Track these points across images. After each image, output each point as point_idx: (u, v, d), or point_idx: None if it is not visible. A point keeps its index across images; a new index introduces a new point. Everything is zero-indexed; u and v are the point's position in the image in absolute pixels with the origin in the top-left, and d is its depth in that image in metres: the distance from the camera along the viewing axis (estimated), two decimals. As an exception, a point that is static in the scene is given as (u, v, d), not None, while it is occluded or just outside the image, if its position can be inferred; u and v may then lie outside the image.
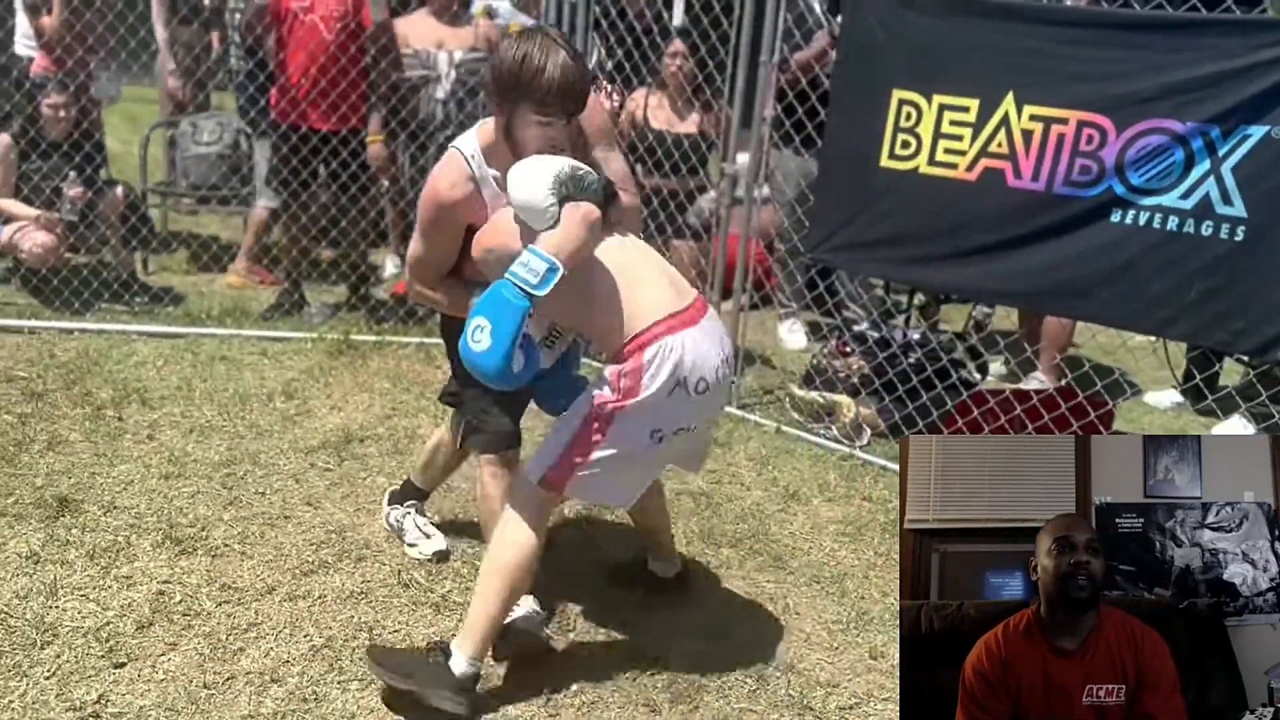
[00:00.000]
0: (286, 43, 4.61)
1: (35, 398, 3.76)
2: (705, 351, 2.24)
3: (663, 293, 2.27)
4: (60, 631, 2.45)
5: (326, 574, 2.82)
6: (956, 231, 3.52)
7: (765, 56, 3.88)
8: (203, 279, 5.48)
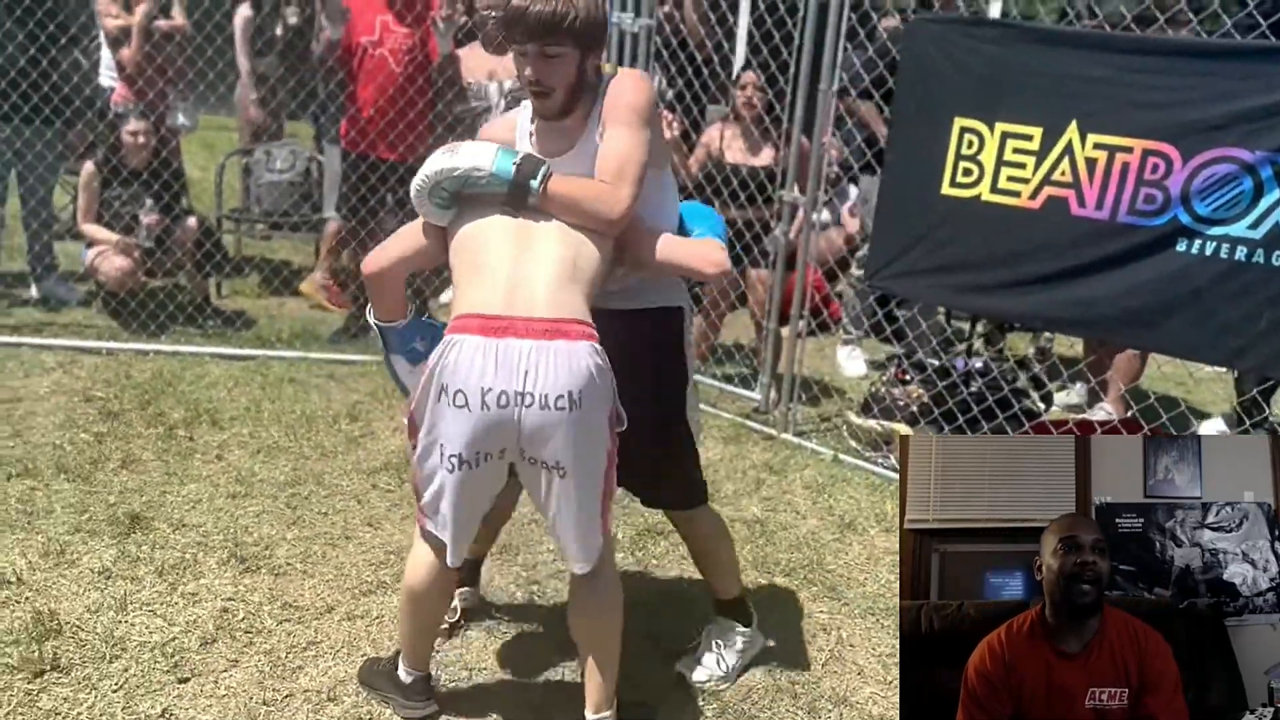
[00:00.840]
0: (357, 75, 4.73)
1: (111, 417, 3.89)
2: (475, 365, 1.98)
3: (491, 293, 2.06)
4: (128, 646, 2.53)
5: (385, 594, 2.87)
6: (1018, 260, 3.48)
7: (825, 85, 3.89)
8: (273, 303, 5.63)
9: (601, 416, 2.07)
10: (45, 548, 2.93)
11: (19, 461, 3.45)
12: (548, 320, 2.02)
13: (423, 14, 4.68)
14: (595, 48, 2.23)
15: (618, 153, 2.16)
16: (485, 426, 2.01)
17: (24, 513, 3.13)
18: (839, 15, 3.80)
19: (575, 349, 2.02)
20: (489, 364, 1.98)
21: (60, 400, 4.02)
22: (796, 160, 4.08)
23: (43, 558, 2.89)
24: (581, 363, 2.01)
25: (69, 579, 2.80)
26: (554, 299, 2.06)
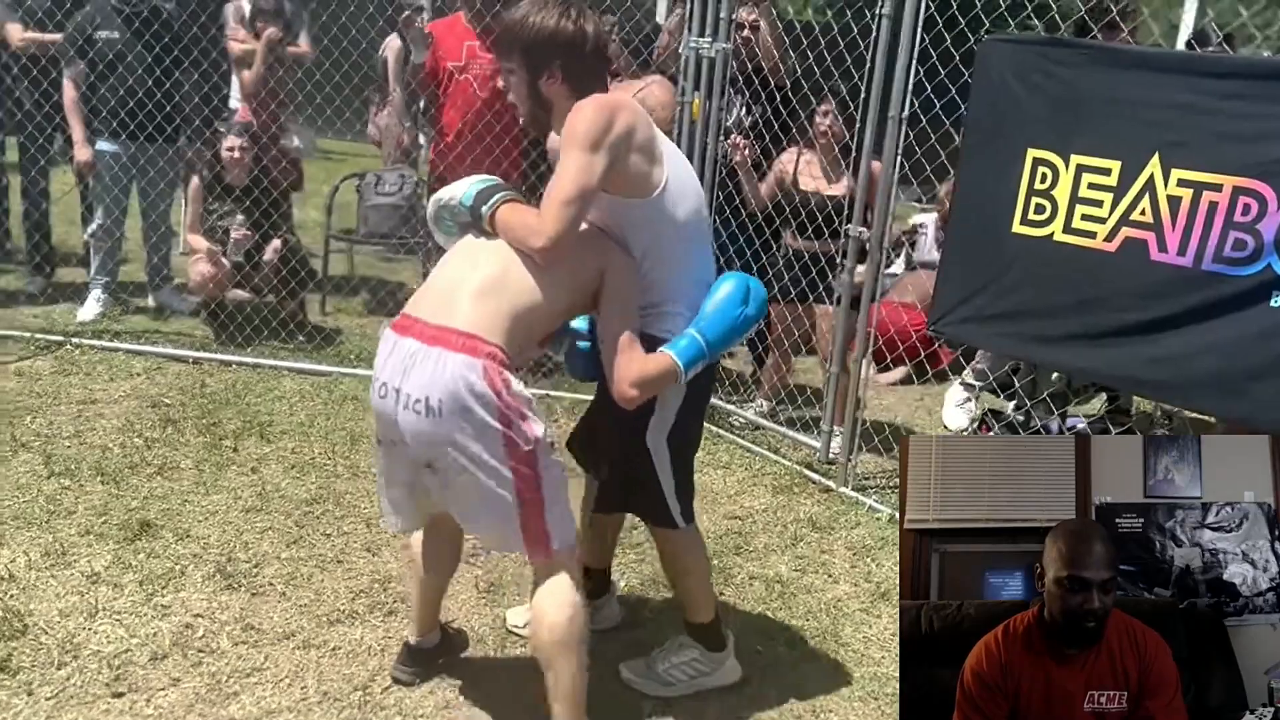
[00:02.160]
0: (444, 100, 4.76)
1: (169, 424, 4.00)
2: (381, 357, 2.14)
3: (420, 296, 2.19)
4: (81, 654, 2.54)
5: (352, 625, 2.77)
6: (1092, 308, 3.08)
7: (894, 111, 3.59)
8: (373, 322, 5.72)
9: (475, 429, 2.05)
10: (50, 547, 3.00)
11: (65, 460, 3.58)
12: (440, 327, 2.08)
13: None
14: (543, 67, 2.23)
15: (554, 181, 2.16)
16: (379, 413, 2.16)
17: (48, 511, 3.23)
18: (911, 35, 3.50)
19: (446, 358, 2.04)
20: (391, 358, 2.13)
21: (130, 405, 4.18)
22: (864, 191, 3.78)
23: (43, 557, 2.96)
24: (448, 372, 2.03)
25: (58, 581, 2.85)
26: (466, 310, 2.10)
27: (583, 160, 2.11)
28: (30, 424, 3.89)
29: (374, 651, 2.66)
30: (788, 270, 4.27)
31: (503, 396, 2.04)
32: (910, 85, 3.54)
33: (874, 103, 3.67)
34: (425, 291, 2.21)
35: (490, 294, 2.12)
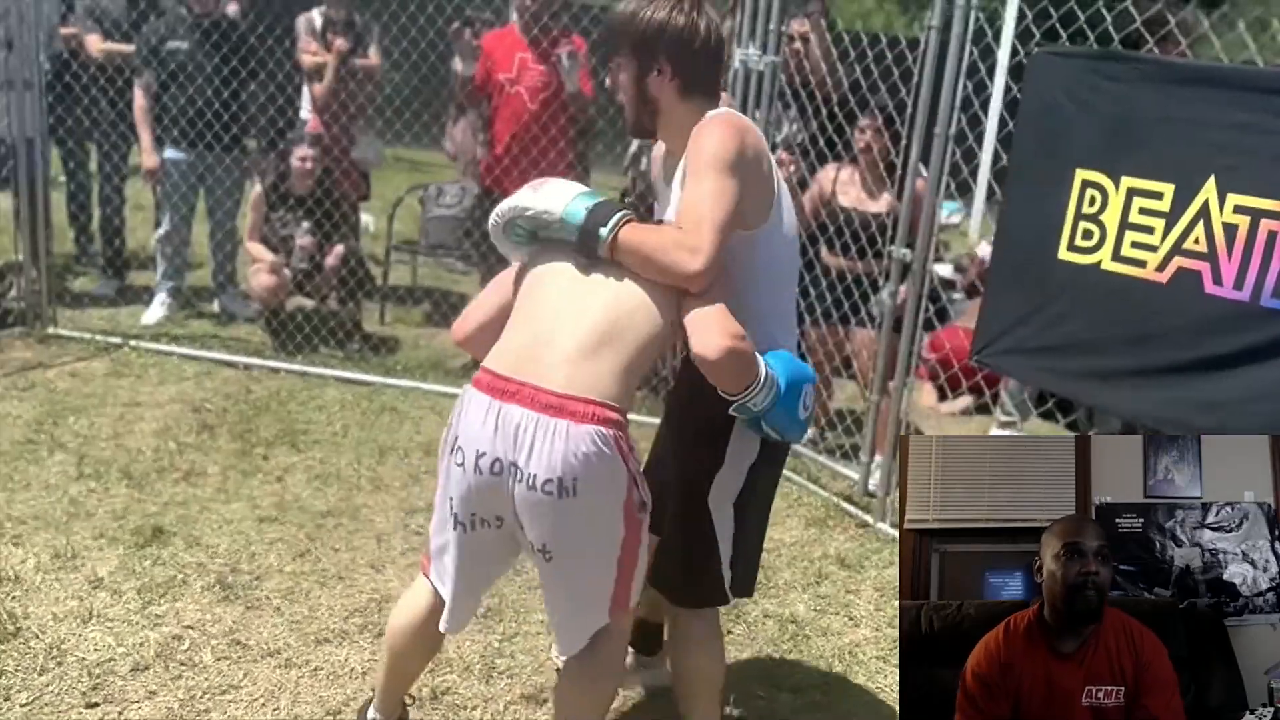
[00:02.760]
0: (495, 112, 4.73)
1: (205, 429, 4.04)
2: (475, 424, 1.89)
3: (512, 346, 1.95)
4: (66, 661, 2.54)
5: (339, 645, 2.72)
6: (1141, 344, 2.84)
7: (941, 128, 3.40)
8: (430, 332, 5.72)
9: (605, 503, 1.90)
10: (61, 550, 3.03)
11: (96, 462, 3.64)
12: (556, 394, 1.86)
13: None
14: (651, 63, 2.06)
15: (696, 200, 1.93)
16: (479, 489, 1.91)
17: (69, 512, 3.28)
18: (960, 49, 3.31)
19: (576, 432, 1.84)
20: (489, 427, 1.88)
21: (172, 409, 4.24)
22: (909, 210, 3.59)
23: (53, 559, 2.99)
24: (580, 447, 1.84)
25: (61, 584, 2.87)
26: (573, 369, 1.88)
27: (721, 182, 1.92)
28: (72, 424, 3.98)
29: (355, 674, 2.60)
30: (829, 291, 4.09)
31: (629, 463, 1.90)
32: (958, 100, 3.35)
33: (920, 118, 3.48)
34: (515, 337, 1.97)
35: (604, 347, 1.90)
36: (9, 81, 4.87)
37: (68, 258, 6.17)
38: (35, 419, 3.99)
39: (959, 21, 3.28)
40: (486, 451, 1.87)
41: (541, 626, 2.88)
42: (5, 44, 4.83)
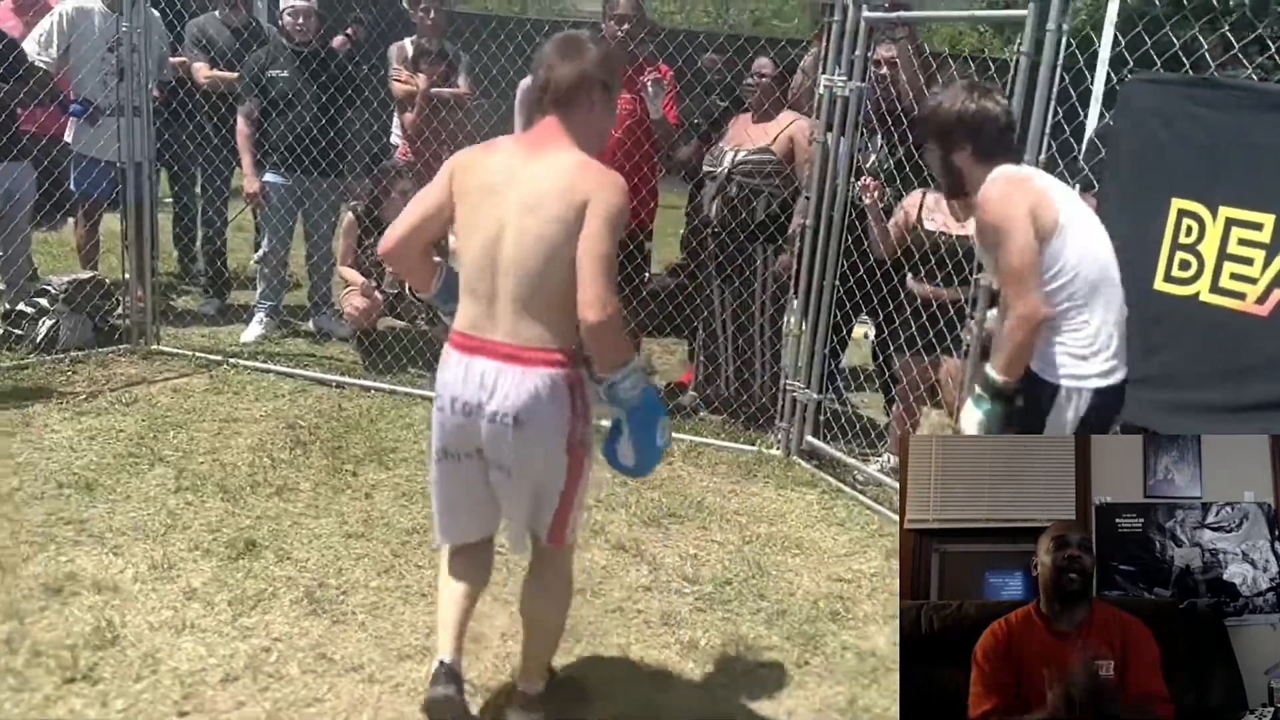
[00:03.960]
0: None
1: (298, 446, 4.17)
2: (448, 377, 2.33)
3: (473, 314, 2.30)
4: (160, 669, 2.64)
5: (421, 662, 2.77)
6: (1240, 378, 2.77)
7: (1030, 155, 3.33)
8: (513, 352, 5.81)
9: (551, 435, 2.29)
10: (158, 561, 3.16)
11: (194, 476, 3.78)
12: (510, 345, 2.26)
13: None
14: (953, 145, 2.66)
15: (1012, 264, 2.53)
16: (454, 428, 2.35)
17: (167, 524, 3.41)
18: (1051, 74, 3.25)
19: (528, 375, 2.25)
20: (459, 377, 2.31)
21: (267, 425, 4.38)
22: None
23: (151, 569, 3.11)
24: (530, 386, 2.24)
25: (157, 595, 2.98)
26: (518, 323, 2.26)
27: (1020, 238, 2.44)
28: (172, 439, 4.14)
29: (434, 692, 2.64)
30: (915, 319, 4.04)
31: (574, 401, 2.29)
32: (1048, 127, 3.29)
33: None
34: (475, 308, 2.31)
35: (535, 299, 2.24)
36: (121, 108, 5.11)
37: (172, 277, 6.44)
38: (137, 433, 4.17)
39: (1050, 47, 3.23)
40: (458, 396, 2.30)
41: (619, 650, 2.90)
42: (118, 72, 5.08)
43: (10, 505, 3.43)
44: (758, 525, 3.78)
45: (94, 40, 5.33)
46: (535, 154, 2.30)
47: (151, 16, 5.20)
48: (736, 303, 4.67)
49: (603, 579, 3.29)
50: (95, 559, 3.15)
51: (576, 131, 2.31)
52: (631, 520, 3.72)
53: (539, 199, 2.23)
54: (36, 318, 5.02)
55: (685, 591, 3.25)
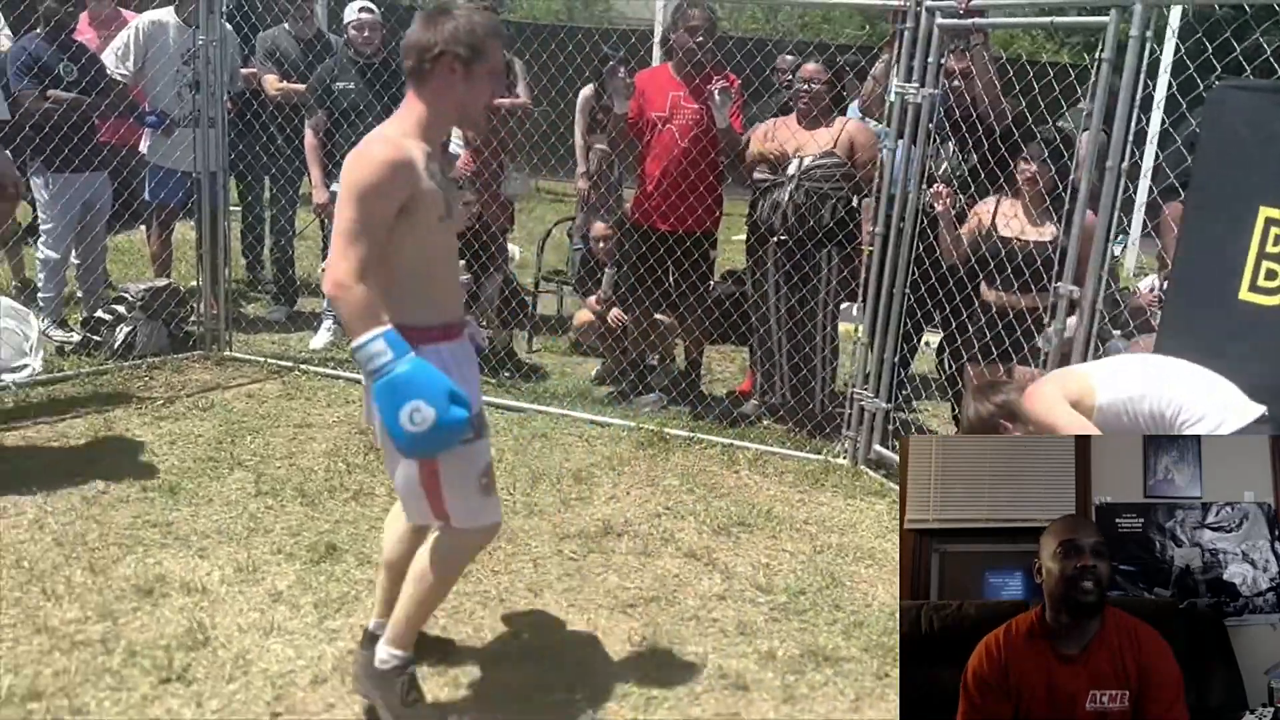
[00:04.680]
0: (646, 150, 4.82)
1: (372, 450, 4.22)
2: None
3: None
4: (251, 670, 2.69)
5: (500, 668, 2.80)
6: (1332, 392, 2.70)
7: (1113, 161, 3.31)
8: (574, 361, 5.85)
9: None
10: (243, 563, 3.22)
11: (273, 480, 3.85)
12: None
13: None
14: None
15: None
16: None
17: (249, 528, 3.48)
18: (1133, 81, 3.22)
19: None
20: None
21: (340, 430, 4.45)
22: (1077, 245, 3.49)
23: (236, 572, 3.17)
24: None
25: (244, 597, 3.04)
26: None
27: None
28: (250, 443, 4.22)
29: (517, 696, 2.67)
30: (989, 328, 4.00)
31: None
32: (1131, 134, 3.26)
33: (1090, 152, 3.40)
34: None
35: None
36: (195, 119, 5.23)
37: (241, 284, 6.57)
38: (215, 438, 4.25)
39: (1133, 53, 3.20)
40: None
41: (696, 657, 2.91)
42: (193, 84, 5.20)
43: (98, 508, 3.52)
44: (828, 535, 3.77)
45: (169, 53, 5.46)
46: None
47: (225, 30, 5.32)
48: (786, 308, 4.66)
49: (676, 587, 3.30)
50: (182, 561, 3.22)
51: (431, 105, 2.28)
52: (701, 528, 3.73)
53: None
54: (114, 324, 5.15)
55: (759, 601, 3.25)
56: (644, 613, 3.12)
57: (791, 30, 15.65)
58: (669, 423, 4.75)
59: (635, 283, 4.94)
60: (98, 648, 2.72)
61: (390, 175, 2.18)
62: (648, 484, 4.12)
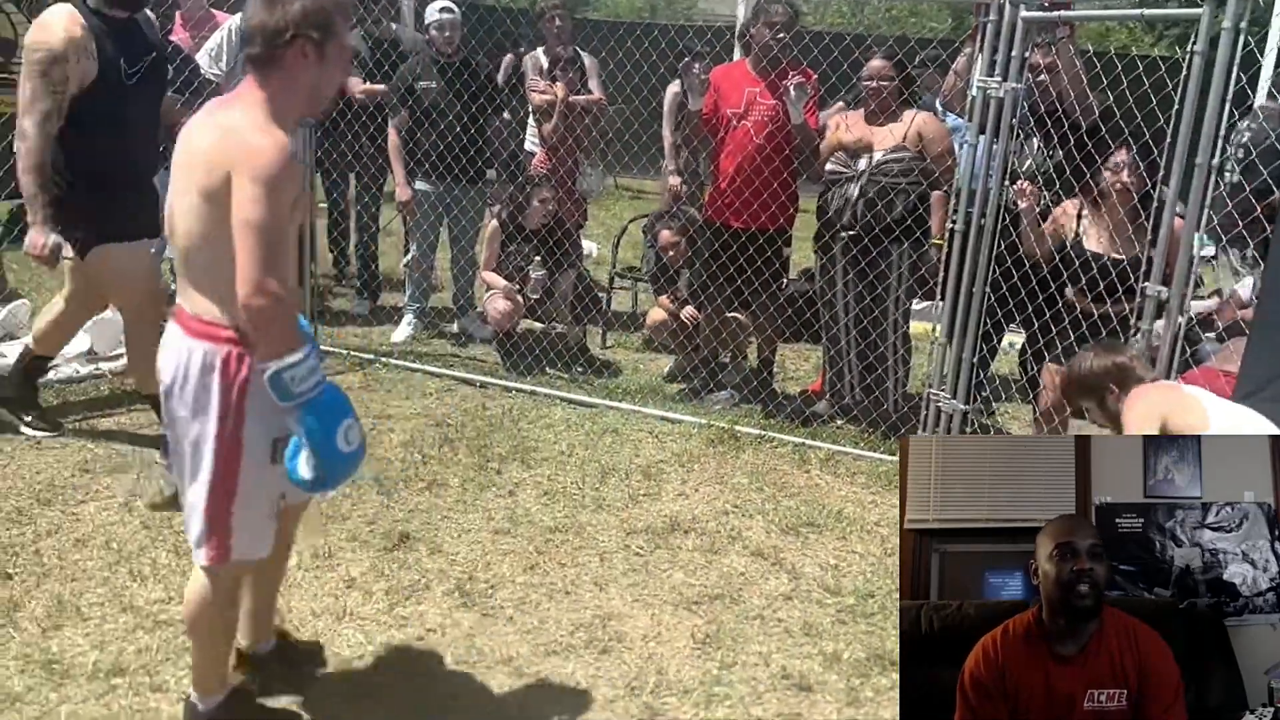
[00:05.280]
0: (720, 146, 4.81)
1: (446, 443, 4.30)
2: None
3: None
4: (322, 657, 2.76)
5: (566, 658, 2.83)
6: None
7: (1202, 158, 3.19)
8: (646, 357, 5.86)
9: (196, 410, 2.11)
10: (320, 550, 3.31)
11: (350, 470, 3.94)
12: (183, 311, 2.16)
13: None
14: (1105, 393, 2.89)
15: None
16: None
17: (327, 515, 3.56)
18: (1226, 74, 3.10)
19: (184, 341, 2.13)
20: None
21: (417, 422, 4.54)
22: (1165, 246, 3.38)
23: (313, 558, 3.26)
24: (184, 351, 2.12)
25: (319, 583, 3.13)
26: (187, 293, 2.15)
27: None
28: (330, 434, 4.32)
29: (578, 688, 2.69)
30: (1073, 329, 3.90)
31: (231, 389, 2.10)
32: (1222, 130, 3.13)
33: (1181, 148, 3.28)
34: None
35: (193, 270, 2.11)
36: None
37: (328, 279, 6.74)
38: (298, 427, 4.37)
39: (1226, 45, 3.08)
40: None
41: (760, 657, 2.89)
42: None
43: (185, 492, 3.65)
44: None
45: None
46: (211, 116, 2.12)
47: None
48: (860, 306, 4.60)
49: (742, 585, 3.28)
50: (261, 546, 3.32)
51: (274, 90, 2.08)
52: (769, 527, 3.71)
53: (190, 167, 2.06)
54: (205, 316, 5.31)
55: (826, 602, 3.22)
56: (708, 610, 3.12)
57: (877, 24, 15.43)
58: (740, 420, 4.73)
59: (708, 280, 4.93)
60: (179, 627, 2.81)
61: (291, 164, 2.01)
62: (717, 481, 4.11)
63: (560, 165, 5.84)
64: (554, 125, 5.72)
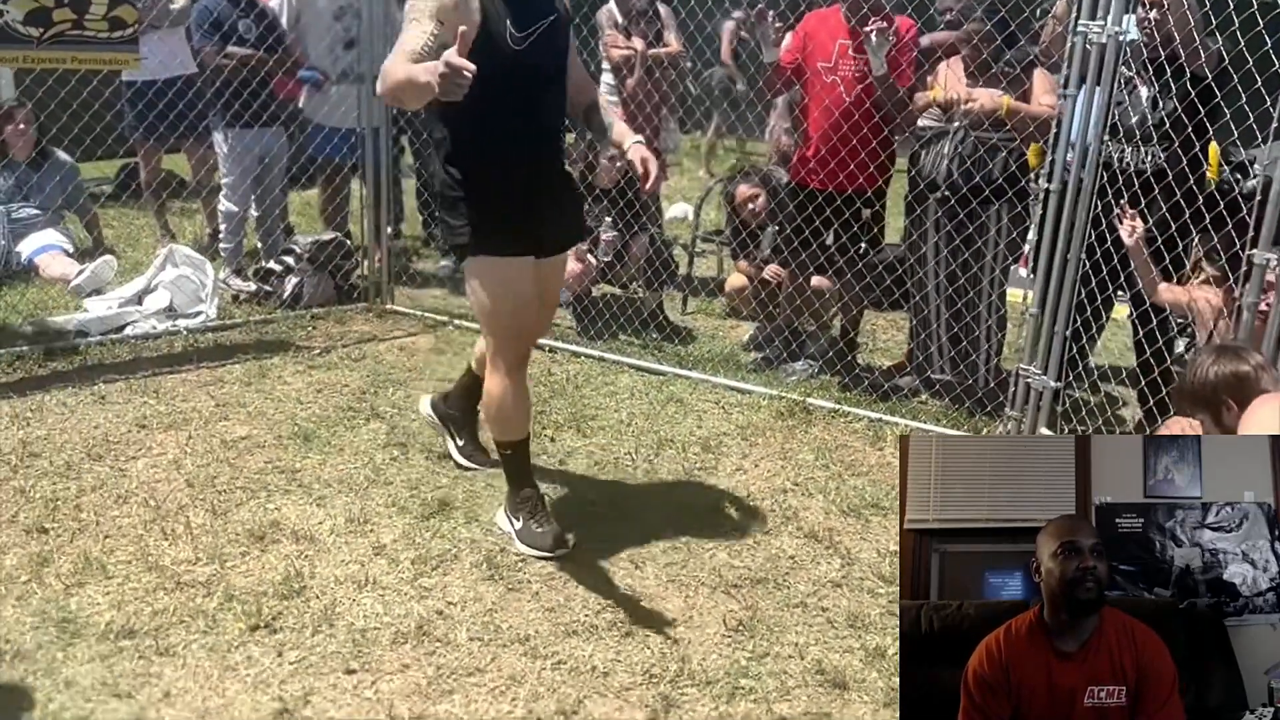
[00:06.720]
0: (809, 103, 4.52)
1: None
2: None
3: None
4: (337, 625, 2.68)
5: (587, 640, 2.68)
6: None
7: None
8: (727, 324, 5.63)
9: None
10: (356, 514, 3.24)
11: (404, 433, 3.88)
12: None
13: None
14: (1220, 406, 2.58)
15: None
16: None
17: (370, 478, 3.51)
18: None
19: None
20: None
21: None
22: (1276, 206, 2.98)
23: (348, 523, 3.20)
24: None
25: (348, 548, 3.06)
26: None
27: None
28: (391, 395, 4.28)
29: (596, 673, 2.55)
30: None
31: None
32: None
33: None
34: None
35: None
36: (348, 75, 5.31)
37: (418, 241, 6.73)
38: (359, 388, 4.34)
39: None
40: None
41: (795, 650, 2.69)
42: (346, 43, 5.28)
43: (235, 452, 3.65)
44: (972, 523, 3.43)
45: (319, 8, 5.56)
46: None
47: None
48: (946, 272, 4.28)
49: (789, 569, 3.08)
50: (300, 509, 3.28)
51: None
52: (829, 508, 3.48)
53: None
54: (283, 275, 5.35)
55: (879, 592, 2.98)
56: (748, 595, 2.92)
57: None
58: (815, 392, 4.48)
59: (791, 242, 4.67)
60: (199, 589, 2.79)
61: None
62: (780, 457, 3.89)
63: (634, 120, 5.63)
64: (634, 83, 5.51)
